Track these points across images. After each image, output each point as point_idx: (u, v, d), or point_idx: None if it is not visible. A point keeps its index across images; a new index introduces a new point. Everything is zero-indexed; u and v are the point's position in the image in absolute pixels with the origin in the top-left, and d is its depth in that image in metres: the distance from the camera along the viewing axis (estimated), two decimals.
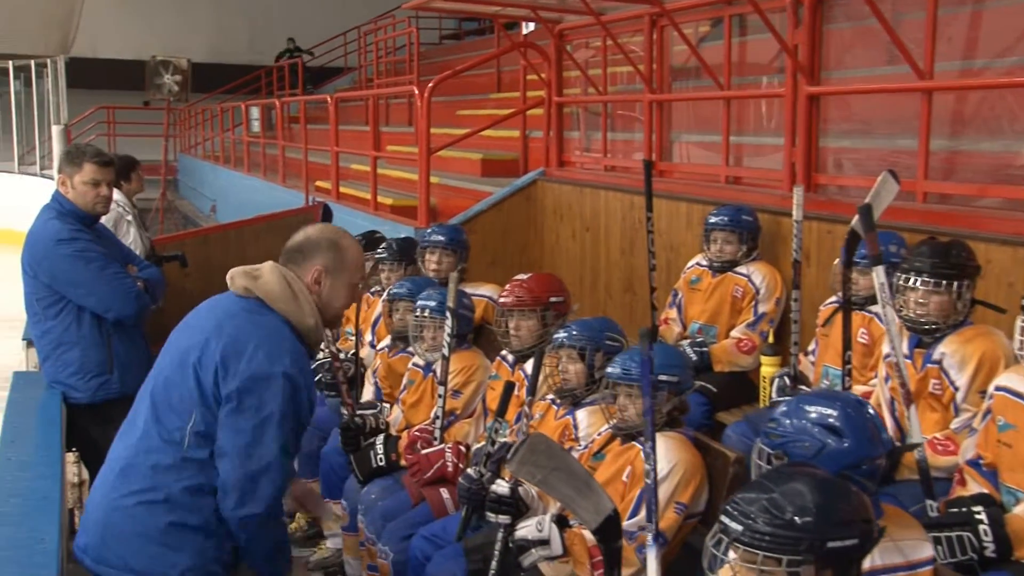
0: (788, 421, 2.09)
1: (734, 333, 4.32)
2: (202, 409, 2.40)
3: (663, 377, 2.96)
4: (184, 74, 14.89)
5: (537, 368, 3.07)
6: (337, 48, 20.71)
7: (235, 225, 9.39)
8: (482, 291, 4.79)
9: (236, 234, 8.80)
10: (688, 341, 4.41)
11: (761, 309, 4.30)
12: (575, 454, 3.17)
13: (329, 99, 9.18)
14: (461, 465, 3.51)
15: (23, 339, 4.89)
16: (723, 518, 1.73)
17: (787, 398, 3.59)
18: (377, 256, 5.06)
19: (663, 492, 2.78)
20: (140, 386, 3.96)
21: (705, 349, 4.31)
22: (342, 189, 9.12)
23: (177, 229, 14.94)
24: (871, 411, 2.13)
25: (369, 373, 4.49)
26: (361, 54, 18.78)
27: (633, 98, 6.15)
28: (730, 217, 4.39)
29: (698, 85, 5.82)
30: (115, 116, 20.25)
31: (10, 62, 17.83)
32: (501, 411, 3.17)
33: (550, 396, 3.42)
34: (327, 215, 4.16)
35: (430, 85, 6.81)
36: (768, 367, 4.04)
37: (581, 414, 3.28)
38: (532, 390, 3.07)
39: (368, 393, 4.44)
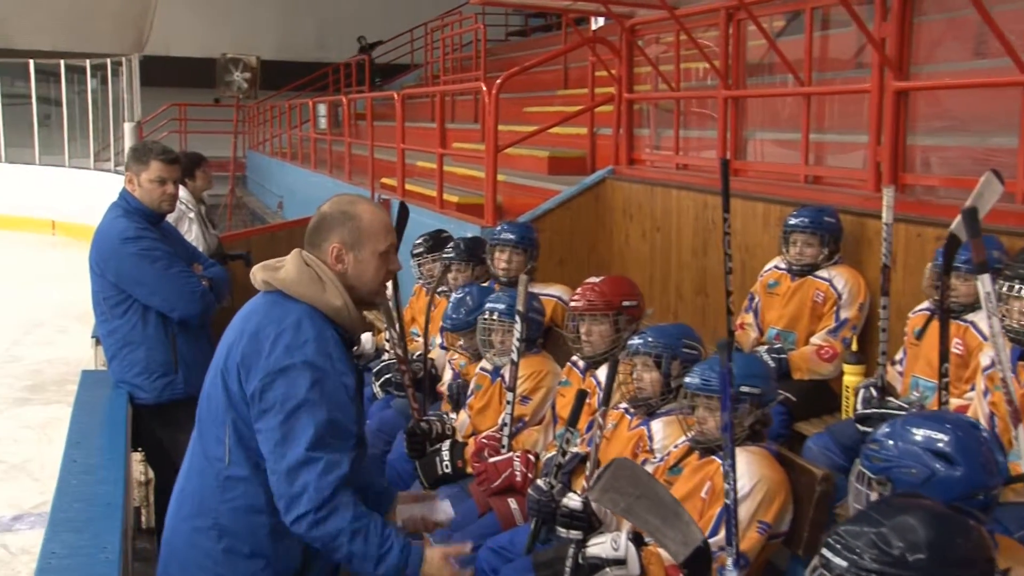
0: (892, 443, 1.93)
1: (814, 340, 4.14)
2: (233, 417, 2.28)
3: (745, 388, 2.80)
4: (253, 71, 15.02)
5: (611, 377, 2.94)
6: (404, 45, 20.77)
7: (301, 222, 9.41)
8: (551, 291, 4.67)
9: (302, 231, 8.77)
10: (765, 347, 4.23)
11: (843, 315, 4.11)
12: (649, 467, 3.04)
13: (396, 96, 9.13)
14: (530, 475, 3.39)
15: (92, 336, 4.89)
16: (825, 551, 1.57)
17: (873, 410, 3.42)
18: (445, 256, 4.97)
19: (745, 511, 2.63)
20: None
21: (783, 356, 4.14)
22: (408, 187, 9.07)
23: (245, 226, 15.07)
24: (985, 435, 1.96)
25: (447, 371, 4.42)
26: (428, 51, 18.78)
27: (708, 94, 5.97)
28: (811, 218, 4.20)
29: (773, 81, 5.63)
30: (187, 113, 20.63)
31: (87, 60, 18.24)
32: (573, 420, 3.04)
33: (623, 405, 3.28)
34: (403, 213, 4.05)
35: (498, 82, 6.70)
36: (852, 376, 3.85)
37: (656, 425, 3.14)
38: (606, 400, 2.94)
39: (447, 377, 4.39)
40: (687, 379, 2.90)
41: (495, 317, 3.81)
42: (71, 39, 17.75)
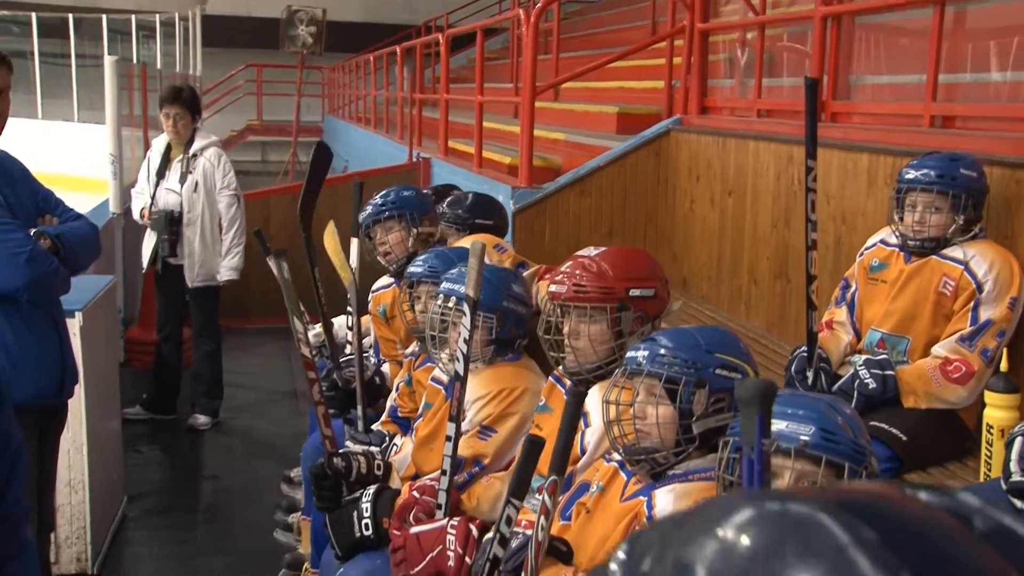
0: None
1: (938, 349, 2.79)
2: None
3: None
4: (319, 25, 13.95)
5: (571, 422, 1.65)
6: (492, 5, 19.69)
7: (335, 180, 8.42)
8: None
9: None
10: (863, 358, 2.89)
11: (985, 315, 2.75)
12: None
13: (440, 38, 7.94)
14: (468, 559, 2.15)
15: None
16: None
17: None
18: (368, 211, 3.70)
19: None
20: (42, 393, 2.82)
21: (890, 372, 2.80)
22: (453, 145, 7.93)
23: None
24: None
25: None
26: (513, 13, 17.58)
27: (802, 15, 4.58)
28: (939, 170, 2.84)
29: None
30: (263, 76, 19.85)
31: (156, 16, 17.56)
32: (518, 489, 1.78)
33: (617, 457, 2.01)
34: (321, 154, 2.96)
35: (539, 6, 5.43)
36: (999, 411, 2.49)
37: (664, 497, 1.85)
38: (558, 464, 1.64)
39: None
40: (736, 428, 1.62)
41: (451, 304, 2.56)
42: None
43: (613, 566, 0.50)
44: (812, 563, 0.43)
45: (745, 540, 0.45)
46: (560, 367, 2.31)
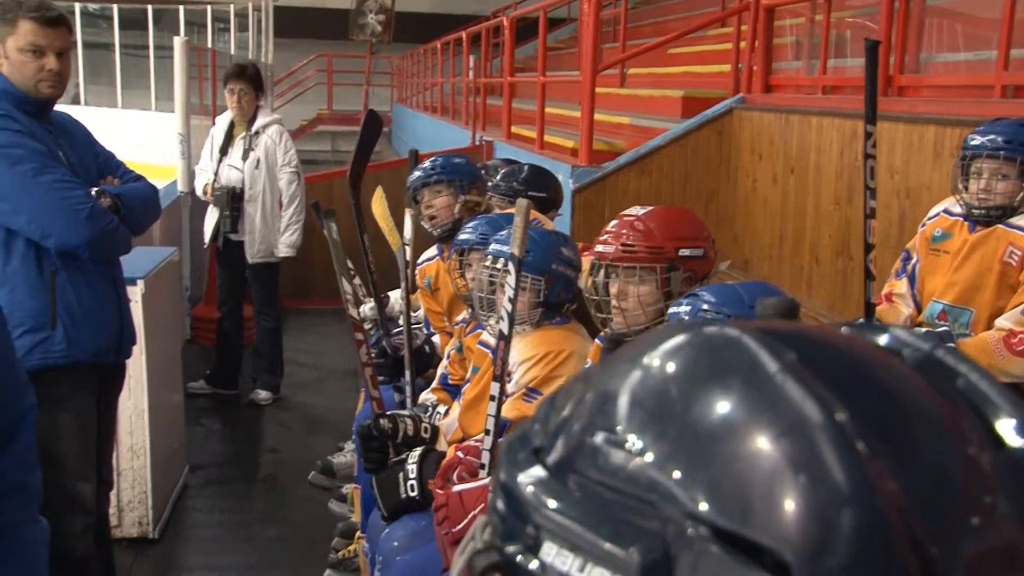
0: None
1: (1002, 321, 2.70)
2: None
3: None
4: (388, 13, 14.05)
5: None
6: None
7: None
8: None
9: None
10: (924, 331, 2.81)
11: None
12: None
13: (505, 22, 7.94)
14: None
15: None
16: None
17: None
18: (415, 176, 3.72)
19: None
20: (101, 352, 2.87)
21: (952, 344, 2.71)
22: (516, 130, 7.93)
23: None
24: None
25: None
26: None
27: None
28: (1006, 136, 2.75)
29: None
30: (332, 66, 20.08)
31: (231, 6, 17.86)
32: None
33: None
34: (372, 123, 2.99)
35: None
36: None
37: None
38: None
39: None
40: None
41: (500, 265, 2.55)
42: None
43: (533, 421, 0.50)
44: (726, 378, 0.43)
45: (669, 363, 0.45)
46: (606, 328, 2.29)
